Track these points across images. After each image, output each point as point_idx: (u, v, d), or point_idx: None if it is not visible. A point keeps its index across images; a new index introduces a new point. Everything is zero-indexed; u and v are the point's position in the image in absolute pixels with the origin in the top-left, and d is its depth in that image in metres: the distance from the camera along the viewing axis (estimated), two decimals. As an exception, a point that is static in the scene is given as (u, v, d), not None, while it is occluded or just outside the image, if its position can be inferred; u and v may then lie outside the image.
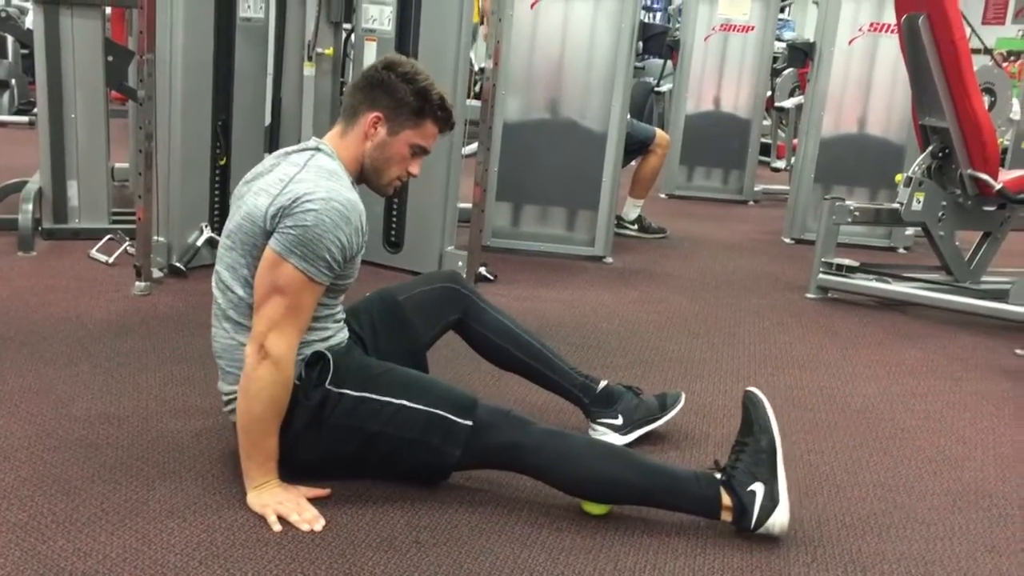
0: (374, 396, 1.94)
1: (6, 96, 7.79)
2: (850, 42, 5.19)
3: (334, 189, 1.88)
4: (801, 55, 6.51)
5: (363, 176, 2.05)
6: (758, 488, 1.91)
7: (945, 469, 2.40)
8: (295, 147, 2.05)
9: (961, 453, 2.52)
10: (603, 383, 2.39)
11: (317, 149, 2.00)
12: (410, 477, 2.02)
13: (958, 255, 4.13)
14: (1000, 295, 3.86)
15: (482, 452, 1.95)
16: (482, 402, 1.98)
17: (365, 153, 2.01)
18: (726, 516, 1.93)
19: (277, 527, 1.83)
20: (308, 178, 1.90)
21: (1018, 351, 3.47)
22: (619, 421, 2.35)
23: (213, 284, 2.02)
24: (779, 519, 1.91)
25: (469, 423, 1.93)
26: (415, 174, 2.08)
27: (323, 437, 1.95)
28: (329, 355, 1.95)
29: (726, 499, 1.92)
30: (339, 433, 1.94)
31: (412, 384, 1.99)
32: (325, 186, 1.88)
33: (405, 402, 1.94)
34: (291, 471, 1.96)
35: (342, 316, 2.11)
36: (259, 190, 1.93)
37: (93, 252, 3.77)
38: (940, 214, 4.01)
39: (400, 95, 1.98)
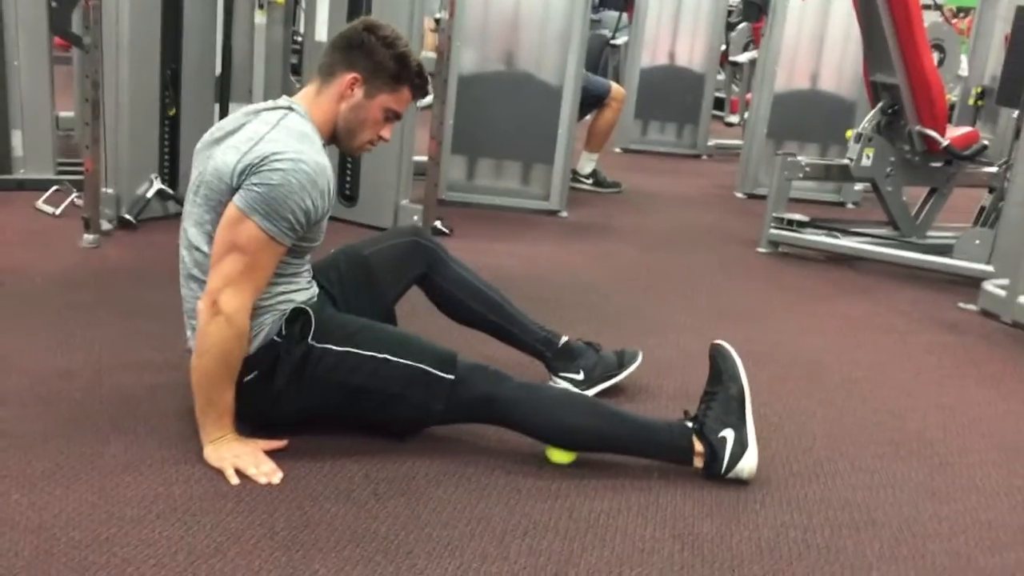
0: (357, 351, 1.95)
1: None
2: (804, -2, 5.22)
3: (303, 151, 1.87)
4: (755, 10, 6.52)
5: (335, 137, 2.03)
6: (728, 434, 2.00)
7: (889, 419, 2.47)
8: (266, 104, 2.02)
9: (905, 404, 2.60)
10: (563, 339, 2.42)
11: (290, 108, 1.98)
12: (390, 430, 2.04)
13: (905, 210, 4.21)
14: (945, 250, 3.96)
15: (463, 406, 1.98)
16: (461, 357, 2.00)
17: (339, 114, 2.00)
18: (698, 462, 2.01)
19: (235, 480, 1.84)
20: (278, 137, 1.88)
21: (961, 304, 3.56)
22: (580, 376, 2.39)
23: (180, 242, 2.00)
24: (748, 463, 2.00)
25: (451, 377, 1.96)
26: (386, 138, 2.08)
27: (305, 392, 1.96)
28: (310, 311, 1.94)
29: (698, 446, 2.00)
30: (322, 387, 1.96)
31: (393, 339, 2.01)
32: (295, 147, 1.86)
33: (388, 356, 1.95)
34: (272, 427, 1.97)
35: (310, 273, 2.10)
36: (228, 147, 1.91)
37: (39, 203, 3.69)
38: (888, 170, 4.09)
39: (379, 58, 1.98)
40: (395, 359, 1.95)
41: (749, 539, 1.82)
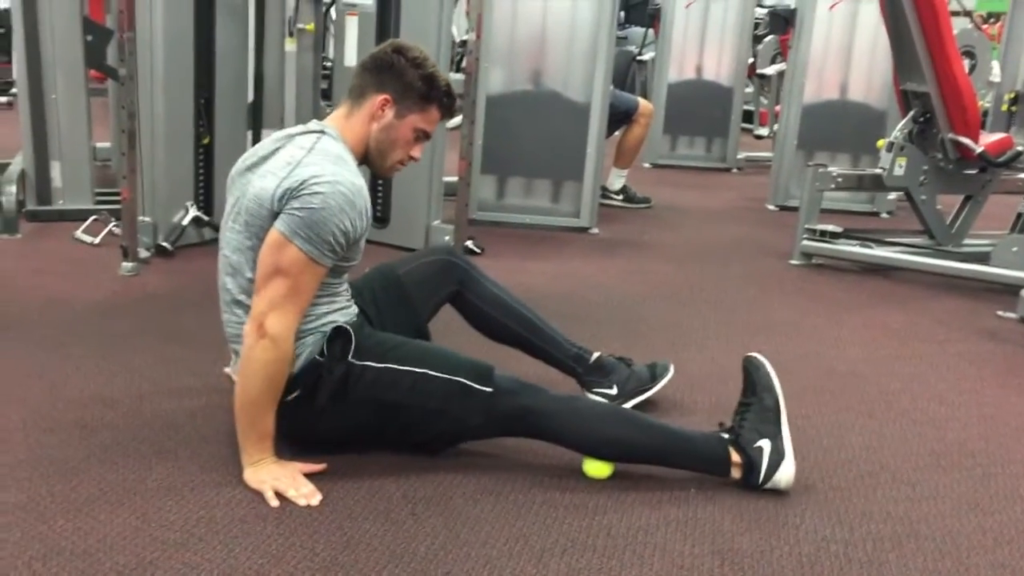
0: (395, 367, 1.98)
1: (-17, 77, 7.70)
2: (831, 8, 5.21)
3: (340, 173, 1.90)
4: (782, 22, 6.51)
5: (367, 158, 2.06)
6: (765, 444, 2.00)
7: (929, 430, 2.45)
8: (298, 128, 2.06)
9: (944, 414, 2.56)
10: (595, 355, 2.43)
11: (322, 132, 2.01)
12: (428, 446, 2.06)
13: (940, 219, 4.17)
14: (982, 258, 3.91)
15: (500, 418, 2.00)
16: (497, 370, 2.02)
17: (371, 135, 2.03)
18: (735, 473, 2.01)
19: (275, 503, 1.85)
20: (315, 161, 1.91)
21: (1000, 313, 3.52)
22: (614, 391, 2.39)
23: (220, 269, 2.03)
24: (785, 473, 2.00)
25: (489, 389, 1.98)
26: (417, 158, 2.11)
27: (347, 410, 1.98)
28: (350, 329, 1.97)
29: (735, 456, 2.01)
30: (363, 404, 1.98)
31: (430, 354, 2.04)
32: (331, 170, 1.90)
33: (426, 371, 1.98)
34: (311, 447, 1.99)
35: (348, 292, 2.13)
36: (265, 172, 1.94)
37: (78, 233, 3.76)
38: (922, 178, 4.05)
39: (409, 79, 2.01)
40: (433, 373, 1.98)
41: (790, 554, 1.80)
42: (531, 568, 1.70)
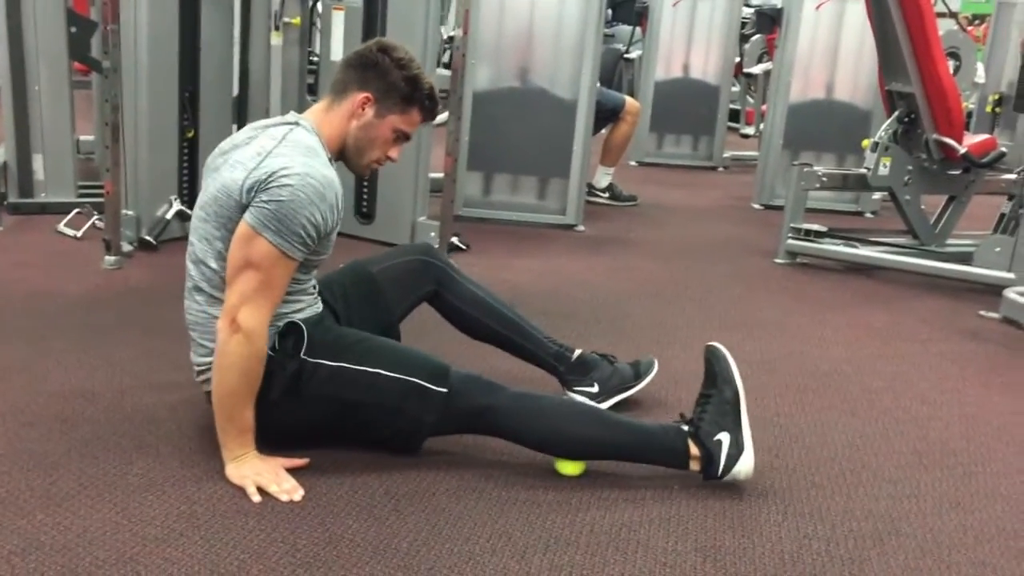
0: (349, 365, 1.96)
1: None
2: (817, 7, 5.22)
3: (311, 165, 1.88)
4: (769, 21, 6.53)
5: (343, 154, 2.05)
6: (724, 437, 1.99)
7: (911, 429, 2.46)
8: (273, 120, 2.05)
9: (927, 413, 2.58)
10: (577, 352, 2.42)
11: (296, 124, 1.99)
12: (386, 444, 2.04)
13: (924, 219, 4.19)
14: (965, 258, 3.94)
15: (457, 417, 2.00)
16: (455, 368, 2.01)
17: (349, 132, 2.02)
18: (694, 465, 2.00)
19: (256, 498, 1.84)
20: (285, 153, 1.90)
21: (982, 312, 3.54)
22: (595, 389, 2.38)
23: (187, 256, 2.02)
24: (744, 466, 1.99)
25: (444, 390, 1.96)
26: (395, 159, 2.10)
27: (299, 407, 1.96)
28: (303, 326, 1.95)
29: (693, 449, 2.00)
30: (315, 402, 1.96)
31: (387, 353, 2.02)
32: (302, 162, 1.88)
33: (380, 370, 1.96)
34: (267, 441, 1.97)
35: (315, 289, 2.12)
36: (235, 163, 1.93)
37: (61, 226, 3.73)
38: (906, 179, 4.07)
39: (392, 79, 2.00)
40: (388, 373, 1.96)
41: (772, 551, 1.81)
42: (514, 564, 1.70)
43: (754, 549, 1.81)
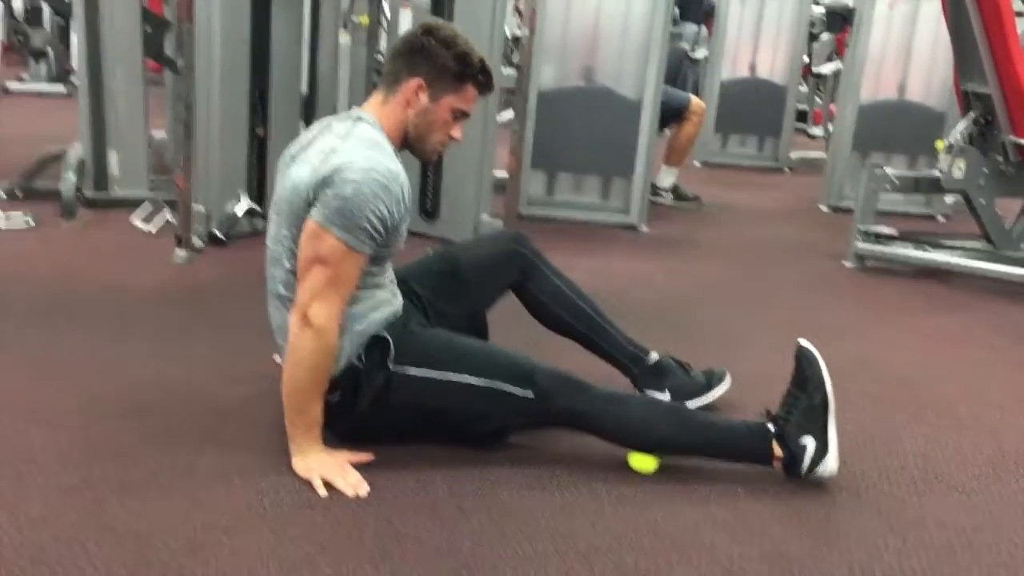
0: (435, 375, 1.97)
1: (43, 65, 7.87)
2: (890, 6, 5.11)
3: (374, 159, 1.89)
4: (840, 20, 6.42)
5: (407, 143, 2.05)
6: (809, 442, 2.00)
7: (985, 438, 2.39)
8: (337, 117, 2.07)
9: (1001, 422, 2.51)
10: (654, 356, 2.41)
11: (359, 119, 2.00)
12: (470, 441, 2.07)
13: (999, 223, 4.08)
14: (1042, 264, 3.82)
15: (543, 417, 2.04)
16: (541, 368, 2.01)
17: (408, 120, 2.01)
18: (776, 465, 2.02)
19: (323, 492, 1.87)
20: (349, 148, 1.91)
21: (1059, 320, 3.43)
22: (666, 396, 2.37)
23: (266, 258, 2.05)
24: (828, 467, 2.01)
25: (530, 394, 1.97)
26: (458, 138, 2.08)
27: (388, 414, 2.00)
28: (389, 337, 1.97)
29: (777, 451, 2.02)
30: (404, 410, 2.00)
31: (472, 358, 2.01)
32: (365, 155, 1.89)
33: (466, 377, 1.97)
34: (358, 446, 2.00)
35: (392, 283, 2.11)
36: (302, 161, 1.95)
37: (134, 221, 3.82)
38: (981, 181, 3.96)
39: (441, 60, 1.98)
40: (474, 380, 1.97)
41: (840, 561, 1.78)
42: (577, 566, 1.69)
43: (822, 559, 1.78)
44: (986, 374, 2.87)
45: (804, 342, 2.10)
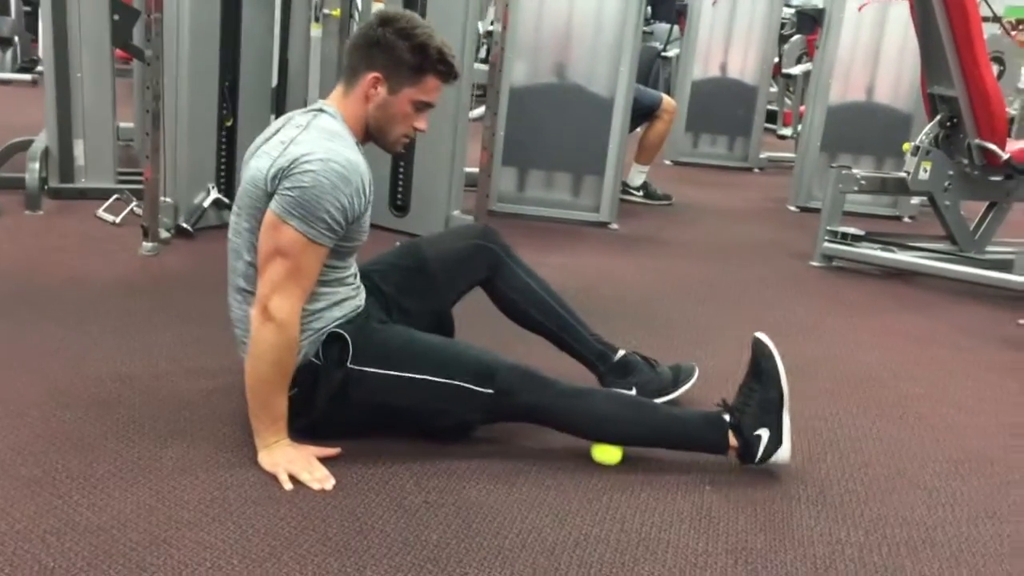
0: (395, 373, 1.97)
1: (9, 53, 7.75)
2: (860, 9, 5.17)
3: (333, 150, 1.87)
4: (810, 21, 6.47)
5: (369, 136, 2.03)
6: (764, 433, 2.04)
7: (948, 437, 2.42)
8: (302, 110, 2.05)
9: (964, 421, 2.54)
10: (620, 353, 2.41)
11: (320, 111, 1.99)
12: (433, 436, 2.07)
13: (963, 225, 4.13)
14: (1005, 265, 3.88)
15: (503, 413, 2.04)
16: (502, 364, 2.01)
17: (368, 113, 1.98)
18: (731, 453, 2.06)
19: (288, 486, 1.85)
20: (308, 139, 1.89)
21: (1021, 321, 3.48)
22: (632, 392, 2.37)
23: (228, 251, 2.03)
24: (781, 455, 2.06)
25: (490, 391, 1.97)
26: (422, 129, 2.05)
27: (347, 412, 1.99)
28: (347, 336, 1.96)
29: (733, 441, 2.05)
30: (363, 407, 1.99)
31: (432, 356, 2.00)
32: (324, 147, 1.87)
33: (427, 376, 1.97)
34: (316, 440, 1.99)
35: (355, 278, 2.10)
36: (261, 153, 1.94)
37: (100, 212, 3.77)
38: (947, 183, 4.02)
39: (397, 53, 1.94)
40: (434, 379, 1.97)
41: (804, 556, 1.79)
42: (543, 560, 1.69)
43: (785, 553, 1.80)
44: (950, 373, 2.91)
45: (761, 335, 2.11)
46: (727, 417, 2.05)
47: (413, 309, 2.20)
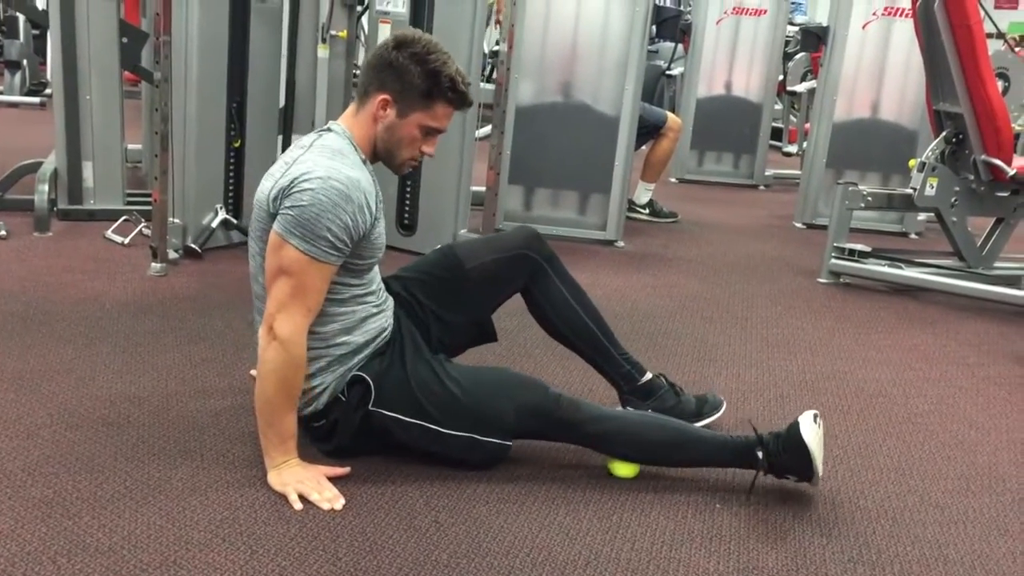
0: (416, 422, 1.98)
1: (18, 76, 7.80)
2: (864, 26, 5.17)
3: (334, 168, 1.86)
4: (814, 39, 6.47)
5: (377, 156, 2.03)
6: (794, 478, 2.07)
7: (958, 454, 2.41)
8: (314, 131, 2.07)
9: (974, 438, 2.53)
10: (647, 376, 2.38)
11: (328, 129, 2.00)
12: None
13: (970, 241, 4.13)
14: (1012, 281, 3.87)
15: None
16: (526, 411, 2.00)
17: (376, 134, 1.98)
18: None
19: (298, 505, 1.85)
20: (309, 158, 1.89)
21: (1030, 337, 3.47)
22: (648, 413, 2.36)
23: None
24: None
25: (509, 443, 2.02)
26: (430, 154, 2.04)
27: (368, 444, 2.04)
28: (370, 380, 1.97)
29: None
30: (384, 444, 2.03)
31: (454, 407, 1.99)
32: (325, 165, 1.86)
33: (448, 431, 1.98)
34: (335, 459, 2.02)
35: (377, 296, 2.07)
36: (268, 175, 1.95)
37: (109, 233, 3.79)
38: (953, 200, 4.01)
39: (408, 77, 1.93)
40: (454, 432, 1.98)
41: (816, 575, 1.78)
42: (554, 580, 1.69)
43: (797, 572, 1.79)
44: (960, 390, 2.90)
45: (804, 428, 2.01)
46: (759, 453, 2.01)
47: (453, 321, 2.21)
